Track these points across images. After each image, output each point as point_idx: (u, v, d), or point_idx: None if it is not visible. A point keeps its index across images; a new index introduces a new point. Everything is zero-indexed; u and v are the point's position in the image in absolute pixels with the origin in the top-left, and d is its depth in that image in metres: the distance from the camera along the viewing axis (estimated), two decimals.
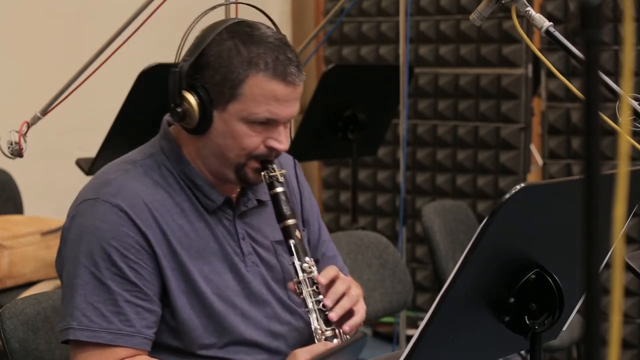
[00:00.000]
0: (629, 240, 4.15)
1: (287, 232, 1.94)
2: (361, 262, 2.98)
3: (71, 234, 1.91)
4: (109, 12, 3.73)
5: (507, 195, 1.56)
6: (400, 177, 4.04)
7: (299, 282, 1.92)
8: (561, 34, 2.06)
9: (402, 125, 3.93)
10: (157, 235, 1.89)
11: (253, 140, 1.90)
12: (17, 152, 2.58)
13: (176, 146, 1.97)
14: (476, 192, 4.84)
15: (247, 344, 1.96)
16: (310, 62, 5.33)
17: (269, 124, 1.90)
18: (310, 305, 1.91)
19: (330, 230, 2.24)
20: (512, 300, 1.72)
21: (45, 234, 3.62)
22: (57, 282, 3.55)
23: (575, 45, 2.04)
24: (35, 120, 2.67)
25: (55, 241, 3.61)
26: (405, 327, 4.11)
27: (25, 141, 2.59)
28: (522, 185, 1.57)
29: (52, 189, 4.52)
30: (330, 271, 1.95)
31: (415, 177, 5.00)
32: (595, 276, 0.90)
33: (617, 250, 0.91)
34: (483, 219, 1.60)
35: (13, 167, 3.79)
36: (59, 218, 3.78)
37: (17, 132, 2.58)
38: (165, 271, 1.90)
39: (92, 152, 3.34)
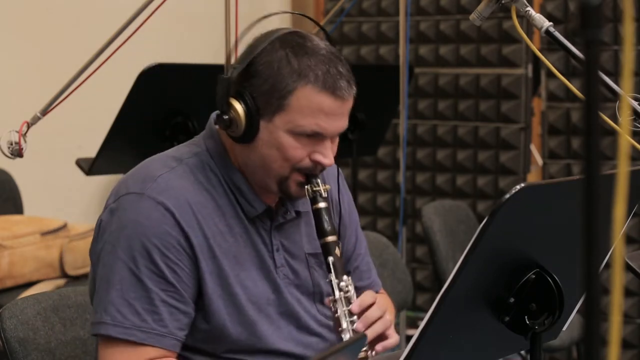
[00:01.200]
0: (629, 240, 4.15)
1: (326, 249, 1.92)
2: None
3: (112, 227, 1.88)
4: (109, 12, 3.73)
5: (507, 195, 1.56)
6: (400, 177, 4.04)
7: (335, 301, 1.90)
8: (561, 34, 2.06)
9: (402, 125, 3.93)
10: (199, 237, 1.88)
11: (298, 152, 1.88)
12: (17, 152, 2.58)
13: (222, 148, 1.95)
14: (476, 192, 4.84)
15: (277, 353, 1.96)
16: None
17: (316, 137, 1.88)
18: (344, 325, 1.88)
19: None
20: (512, 300, 1.72)
21: (45, 234, 3.62)
22: (57, 282, 3.56)
23: (575, 45, 2.04)
24: (35, 120, 2.67)
25: (55, 241, 3.61)
26: (405, 327, 4.11)
27: (25, 141, 2.59)
28: (522, 185, 1.57)
29: (52, 189, 4.52)
30: (366, 298, 1.92)
31: (415, 177, 5.00)
32: (595, 276, 0.90)
33: (617, 250, 0.91)
34: (483, 219, 1.60)
35: (13, 167, 3.79)
36: (59, 218, 3.78)
37: (17, 132, 2.58)
38: (204, 274, 1.88)
39: (92, 152, 3.34)
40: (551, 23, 2.06)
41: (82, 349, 2.11)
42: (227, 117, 1.87)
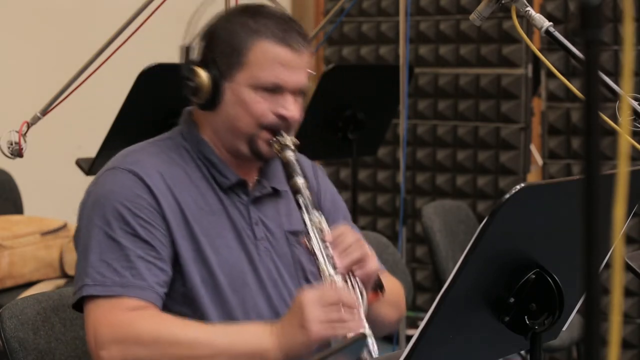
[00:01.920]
0: (629, 240, 4.15)
1: (295, 189, 1.96)
2: None
3: (88, 203, 1.97)
4: (109, 12, 3.73)
5: (507, 195, 1.56)
6: (400, 177, 4.04)
7: (308, 234, 1.93)
8: (561, 34, 2.06)
9: (402, 125, 3.93)
10: (171, 203, 1.94)
11: (261, 106, 1.95)
12: (17, 152, 2.58)
13: (195, 128, 2.03)
14: (476, 192, 4.84)
15: (250, 319, 1.97)
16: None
17: (277, 91, 1.96)
18: (320, 257, 1.90)
19: None
20: (512, 300, 1.72)
21: (45, 234, 3.62)
22: (57, 282, 3.56)
23: (575, 45, 2.04)
24: (35, 120, 2.67)
25: (55, 241, 3.61)
26: (405, 327, 4.11)
27: (25, 141, 2.59)
28: (522, 185, 1.57)
29: (52, 189, 4.52)
30: (338, 228, 1.95)
31: (415, 177, 5.00)
32: (595, 276, 0.90)
33: (617, 250, 0.91)
34: (483, 219, 1.60)
35: (13, 167, 3.79)
36: (59, 218, 3.78)
37: (17, 132, 2.58)
38: (177, 238, 1.93)
39: (92, 152, 3.34)
40: (551, 23, 2.06)
41: (82, 349, 2.11)
42: (192, 84, 1.96)
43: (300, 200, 1.95)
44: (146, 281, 1.89)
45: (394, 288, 2.17)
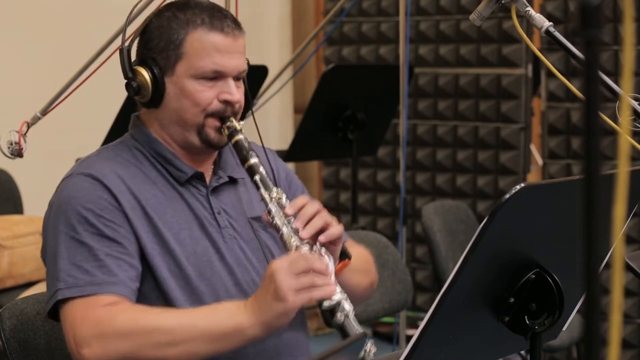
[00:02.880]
0: (629, 240, 4.15)
1: (251, 170, 1.98)
2: None
3: (51, 214, 2.00)
4: (108, 13, 3.73)
5: (507, 195, 1.56)
6: (400, 177, 4.04)
7: (270, 211, 1.94)
8: (561, 34, 2.06)
9: (402, 125, 3.93)
10: (131, 201, 1.96)
11: (205, 95, 1.98)
12: (17, 152, 2.58)
13: (144, 128, 2.06)
14: (476, 192, 4.85)
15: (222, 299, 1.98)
16: (310, 62, 5.33)
17: (218, 78, 1.99)
18: (284, 230, 1.91)
19: None
20: (512, 300, 1.72)
21: None
22: None
23: (575, 45, 2.04)
24: (35, 120, 2.67)
25: None
26: (405, 327, 4.11)
27: (25, 141, 2.59)
28: (522, 185, 1.57)
29: (52, 189, 4.52)
30: (298, 200, 1.95)
31: (415, 177, 5.00)
32: (595, 276, 0.90)
33: (617, 250, 0.91)
34: (483, 219, 1.60)
35: (13, 167, 3.80)
36: None
37: (17, 132, 2.58)
38: (140, 234, 1.95)
39: (92, 152, 3.33)
40: (551, 23, 2.06)
41: None
42: (135, 83, 2.00)
43: (258, 178, 1.97)
44: (117, 277, 1.90)
45: (363, 255, 2.19)
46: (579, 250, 0.90)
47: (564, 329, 1.92)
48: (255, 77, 4.23)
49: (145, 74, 1.99)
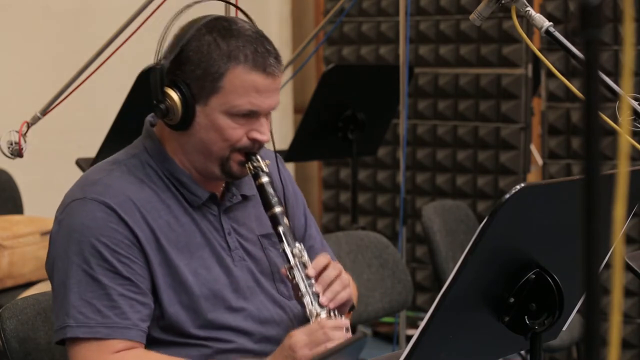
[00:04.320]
0: (629, 240, 4.15)
1: (275, 220, 1.96)
2: (361, 262, 2.98)
3: (60, 235, 1.93)
4: (109, 12, 3.73)
5: (507, 195, 1.56)
6: (400, 177, 4.04)
7: (291, 268, 1.93)
8: (561, 34, 2.06)
9: (402, 125, 3.92)
10: (145, 231, 1.92)
11: (236, 132, 1.93)
12: (17, 152, 2.58)
13: (159, 144, 2.00)
14: (476, 192, 4.84)
15: (235, 330, 1.98)
16: (310, 62, 5.33)
17: (251, 116, 1.93)
18: (303, 288, 1.92)
19: (330, 230, 2.25)
20: (512, 300, 1.72)
21: (45, 234, 3.62)
22: None
23: (575, 45, 2.04)
24: (35, 120, 2.67)
25: None
26: (405, 327, 4.11)
27: (25, 141, 2.59)
28: (522, 185, 1.57)
29: (52, 189, 4.51)
30: (321, 260, 1.96)
31: (415, 177, 5.00)
32: (595, 276, 0.90)
33: (617, 250, 0.91)
34: (483, 219, 1.60)
35: (13, 167, 3.79)
36: None
37: (17, 132, 2.58)
38: (154, 267, 1.92)
39: (92, 152, 3.33)
40: (551, 23, 2.06)
41: None
42: (163, 106, 1.92)
43: (281, 231, 1.95)
44: (130, 320, 1.87)
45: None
46: (579, 250, 0.90)
47: (564, 329, 1.92)
48: None
49: (176, 98, 1.91)
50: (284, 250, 1.94)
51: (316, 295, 1.91)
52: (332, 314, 1.92)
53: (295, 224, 2.14)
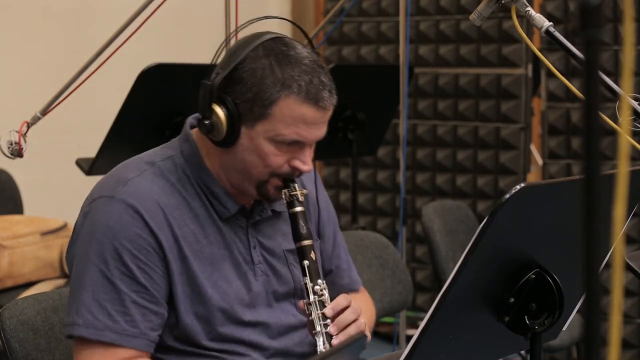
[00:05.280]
0: (629, 240, 4.15)
1: (302, 253, 1.95)
2: (361, 262, 2.98)
3: (84, 230, 1.91)
4: (109, 12, 3.73)
5: (507, 195, 1.56)
6: (400, 177, 4.04)
7: (309, 304, 1.92)
8: (561, 34, 2.06)
9: (402, 125, 3.93)
10: (169, 239, 1.90)
11: (278, 159, 1.91)
12: (17, 152, 2.58)
13: (196, 152, 1.97)
14: (476, 192, 4.85)
15: (248, 345, 1.98)
16: None
17: (296, 145, 1.91)
18: (318, 328, 1.91)
19: None
20: (512, 300, 1.72)
21: (45, 234, 3.62)
22: (57, 282, 3.56)
23: (575, 45, 2.04)
24: (35, 120, 2.67)
25: (55, 241, 3.61)
26: (405, 327, 4.11)
27: (25, 141, 2.59)
28: (522, 185, 1.57)
29: (52, 189, 4.52)
30: (340, 301, 1.94)
31: (415, 177, 5.00)
32: (595, 276, 0.90)
33: (617, 250, 0.91)
34: (483, 219, 1.60)
35: (13, 167, 3.79)
36: (59, 218, 3.78)
37: (17, 132, 2.58)
38: (174, 275, 1.90)
39: (92, 152, 3.34)
40: (551, 23, 2.06)
41: None
42: (208, 122, 1.89)
43: (306, 265, 1.94)
44: (139, 328, 1.87)
45: (370, 314, 2.20)
46: (579, 250, 0.90)
47: (564, 329, 1.92)
48: None
49: (222, 116, 1.88)
50: (305, 285, 1.93)
51: (329, 337, 1.91)
52: None
53: (324, 242, 2.15)
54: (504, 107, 4.75)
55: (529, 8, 2.07)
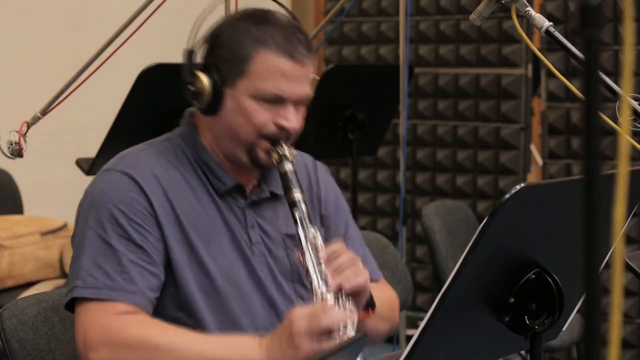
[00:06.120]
0: (629, 240, 4.15)
1: (292, 203, 1.95)
2: None
3: (83, 203, 1.97)
4: (108, 12, 3.73)
5: (507, 195, 1.56)
6: (400, 177, 4.04)
7: (303, 252, 1.92)
8: (561, 34, 2.06)
9: (402, 125, 3.93)
10: (165, 207, 1.94)
11: (262, 116, 1.94)
12: (17, 152, 2.58)
13: (194, 132, 2.03)
14: (476, 192, 4.84)
15: (244, 329, 1.97)
16: None
17: (278, 102, 1.94)
18: (311, 270, 1.90)
19: None
20: (512, 300, 1.72)
21: (45, 234, 3.62)
22: (57, 282, 3.56)
23: (575, 45, 2.04)
24: (35, 120, 2.67)
25: (55, 241, 3.61)
26: (405, 327, 4.11)
27: (25, 141, 2.59)
28: (522, 185, 1.57)
29: (52, 189, 4.52)
30: (334, 245, 1.94)
31: (415, 177, 5.00)
32: (595, 276, 0.90)
33: (617, 250, 0.91)
34: (483, 219, 1.60)
35: (13, 167, 3.79)
36: (59, 218, 3.78)
37: (17, 132, 2.58)
38: (170, 242, 1.94)
39: (92, 152, 3.34)
40: (551, 23, 2.06)
41: None
42: (193, 88, 1.95)
43: (297, 214, 1.94)
44: (137, 285, 1.89)
45: (388, 299, 2.17)
46: (579, 250, 0.90)
47: (564, 329, 1.92)
48: None
49: (205, 80, 1.95)
50: (297, 236, 1.93)
51: (324, 278, 1.89)
52: (340, 298, 1.89)
53: (330, 233, 2.14)
54: (504, 107, 4.75)
55: (529, 8, 2.08)
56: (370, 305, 2.00)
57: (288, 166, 1.97)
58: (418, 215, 4.41)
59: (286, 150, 1.97)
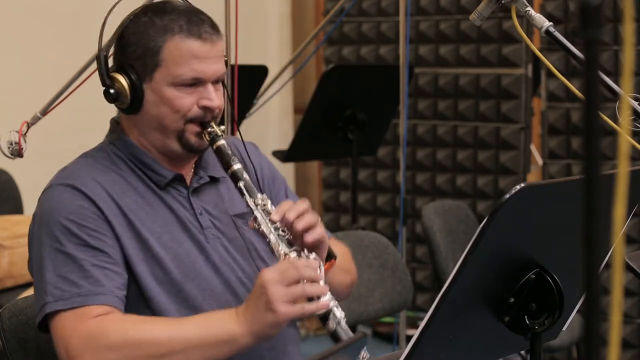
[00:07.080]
0: (629, 240, 4.15)
1: (235, 176, 1.98)
2: (361, 262, 2.98)
3: (34, 227, 1.98)
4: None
5: (507, 195, 1.56)
6: (400, 177, 4.04)
7: (256, 218, 1.94)
8: (561, 34, 2.06)
9: (402, 125, 3.93)
10: (112, 208, 1.96)
11: (185, 101, 1.97)
12: (17, 152, 2.59)
13: (122, 134, 2.06)
14: (476, 192, 4.85)
15: (208, 307, 1.98)
16: (310, 62, 5.33)
17: (197, 84, 1.98)
18: (268, 233, 1.92)
19: (330, 230, 2.24)
20: (512, 300, 1.72)
21: None
22: None
23: (575, 45, 2.04)
24: (35, 120, 2.67)
25: None
26: (405, 327, 4.11)
27: (25, 141, 2.59)
28: (522, 185, 1.57)
29: None
30: (283, 205, 1.95)
31: (415, 177, 5.00)
32: (595, 276, 0.90)
33: (617, 250, 0.91)
34: (483, 219, 1.60)
35: (13, 167, 3.79)
36: None
37: (17, 132, 2.58)
38: (123, 240, 1.95)
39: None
40: (551, 23, 2.06)
41: None
42: (112, 90, 2.00)
43: (242, 185, 1.97)
44: (105, 286, 1.90)
45: (344, 253, 2.20)
46: (579, 251, 0.90)
47: (564, 329, 1.92)
48: (255, 77, 4.23)
49: (123, 81, 1.99)
50: (247, 204, 1.95)
51: (283, 238, 1.91)
52: (302, 254, 1.90)
53: (276, 202, 2.12)
54: (504, 107, 4.75)
55: (529, 8, 2.08)
56: (331, 256, 2.02)
57: (221, 142, 1.99)
58: (418, 215, 4.42)
59: (216, 128, 1.99)
